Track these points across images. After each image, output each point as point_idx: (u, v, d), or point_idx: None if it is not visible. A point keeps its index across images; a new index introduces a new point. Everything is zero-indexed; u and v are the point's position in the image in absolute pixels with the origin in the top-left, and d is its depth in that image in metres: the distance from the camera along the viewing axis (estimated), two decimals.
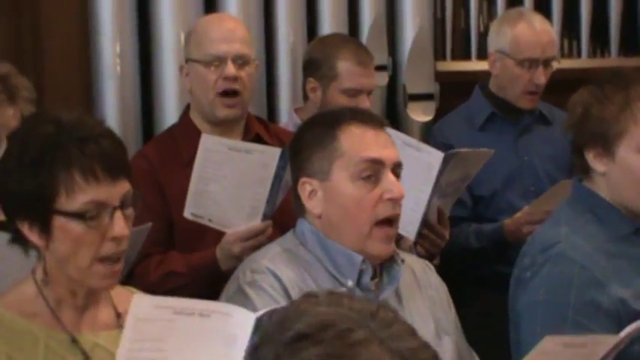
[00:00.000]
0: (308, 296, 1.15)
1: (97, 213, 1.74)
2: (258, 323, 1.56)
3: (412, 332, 1.12)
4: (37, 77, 3.27)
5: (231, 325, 1.57)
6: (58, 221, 1.74)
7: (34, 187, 1.73)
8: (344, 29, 3.73)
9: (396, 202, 2.11)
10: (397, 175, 2.14)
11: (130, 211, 1.80)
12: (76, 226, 1.74)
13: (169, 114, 3.43)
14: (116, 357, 1.65)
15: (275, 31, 3.67)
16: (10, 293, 1.84)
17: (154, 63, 3.50)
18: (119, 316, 1.87)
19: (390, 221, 2.13)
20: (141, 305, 1.64)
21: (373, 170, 2.10)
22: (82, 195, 1.73)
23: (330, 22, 3.72)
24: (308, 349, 1.08)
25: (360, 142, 2.12)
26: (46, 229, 1.75)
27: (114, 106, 3.43)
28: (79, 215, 1.73)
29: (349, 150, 2.11)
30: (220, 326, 1.58)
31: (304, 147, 2.17)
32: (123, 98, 3.45)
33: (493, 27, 3.53)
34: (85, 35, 3.46)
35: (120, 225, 1.76)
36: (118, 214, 1.76)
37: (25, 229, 1.77)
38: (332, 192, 2.12)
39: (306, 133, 2.20)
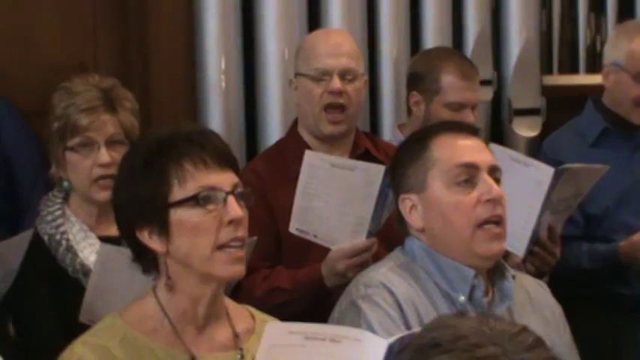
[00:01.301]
0: (459, 314, 1.21)
1: (209, 197, 1.76)
2: (390, 350, 1.53)
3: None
4: (143, 93, 3.32)
5: (362, 351, 1.56)
6: (175, 215, 1.76)
7: (147, 188, 1.77)
8: (448, 42, 3.69)
9: (495, 202, 2.08)
10: (496, 180, 2.11)
11: (242, 203, 1.81)
12: (192, 214, 1.75)
13: (273, 129, 3.45)
14: None
15: (378, 45, 3.65)
16: (131, 309, 1.85)
17: (258, 79, 3.51)
18: (237, 337, 1.87)
19: (493, 222, 2.09)
20: (274, 331, 1.65)
21: (468, 174, 2.09)
22: (192, 182, 1.76)
23: (434, 35, 3.68)
24: (437, 356, 1.13)
25: (452, 148, 2.12)
26: (165, 229, 1.76)
27: (218, 122, 3.46)
28: (193, 199, 1.75)
29: (442, 157, 2.11)
30: (351, 352, 1.57)
31: (400, 164, 2.18)
32: (227, 114, 3.47)
33: (610, 39, 3.44)
34: (190, 51, 3.49)
35: (234, 207, 1.77)
36: (231, 198, 1.78)
37: (145, 238, 1.79)
38: (430, 202, 2.11)
39: (401, 151, 2.22)
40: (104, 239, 2.49)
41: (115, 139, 2.49)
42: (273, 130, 3.44)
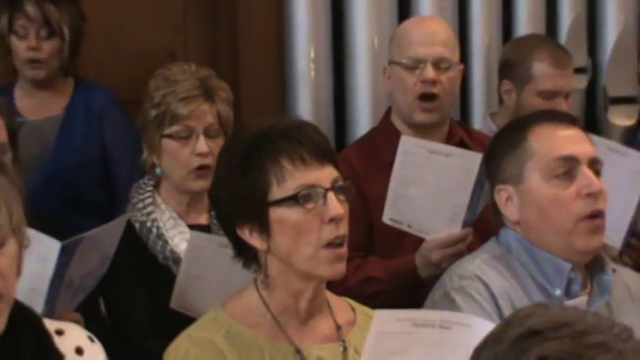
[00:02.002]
0: (538, 304, 1.14)
1: (309, 195, 1.73)
2: None
3: None
4: (233, 82, 3.31)
5: (471, 336, 1.52)
6: (275, 214, 1.74)
7: (246, 186, 1.75)
8: (541, 30, 3.61)
9: (596, 196, 2.02)
10: (597, 172, 2.05)
11: (343, 197, 1.78)
12: (292, 214, 1.73)
13: (363, 119, 3.42)
14: None
15: (469, 33, 3.59)
16: (234, 302, 1.84)
17: (347, 68, 3.49)
18: (339, 328, 1.85)
19: (594, 217, 2.03)
20: (382, 319, 1.63)
21: (567, 167, 2.03)
22: (292, 180, 1.73)
23: (526, 22, 3.61)
24: (541, 345, 1.07)
25: (551, 140, 2.06)
26: (265, 227, 1.75)
27: (308, 111, 3.44)
28: (293, 198, 1.72)
29: (540, 149, 2.05)
30: (460, 338, 1.54)
31: (496, 154, 2.14)
32: (317, 103, 3.46)
33: None
34: (280, 40, 3.49)
35: (334, 205, 1.74)
36: (331, 195, 1.74)
37: (246, 235, 1.77)
38: (527, 195, 2.06)
39: (498, 140, 2.17)
40: (193, 227, 2.50)
41: (213, 129, 2.49)
42: (363, 120, 3.41)
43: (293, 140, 1.75)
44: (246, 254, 1.81)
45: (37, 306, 1.97)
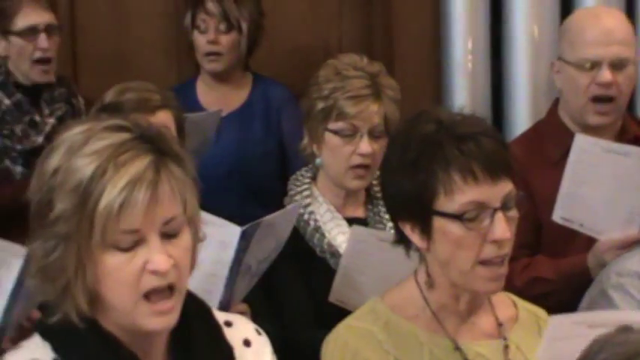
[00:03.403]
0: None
1: (476, 214, 1.68)
2: None
3: None
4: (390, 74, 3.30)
5: None
6: (438, 222, 1.70)
7: (413, 188, 1.71)
8: None
9: None
10: None
11: (513, 212, 1.72)
12: (455, 228, 1.69)
13: (521, 112, 3.35)
14: None
15: (637, 22, 3.43)
16: (393, 294, 1.82)
17: (506, 59, 3.42)
18: (500, 325, 1.80)
19: None
20: (558, 324, 1.58)
21: None
22: (460, 195, 1.68)
23: None
24: None
25: None
26: (426, 231, 1.72)
27: (464, 103, 3.36)
28: (458, 217, 1.68)
29: None
30: None
31: None
32: (473, 95, 3.40)
33: None
34: (436, 31, 3.45)
35: (501, 227, 1.68)
36: (499, 216, 1.68)
37: (407, 230, 1.75)
38: None
39: None
40: (350, 220, 2.49)
41: (378, 130, 2.48)
42: (522, 113, 3.33)
43: (465, 153, 1.69)
44: (407, 244, 1.78)
45: (217, 291, 2.04)
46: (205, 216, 1.52)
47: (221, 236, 2.02)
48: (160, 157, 1.38)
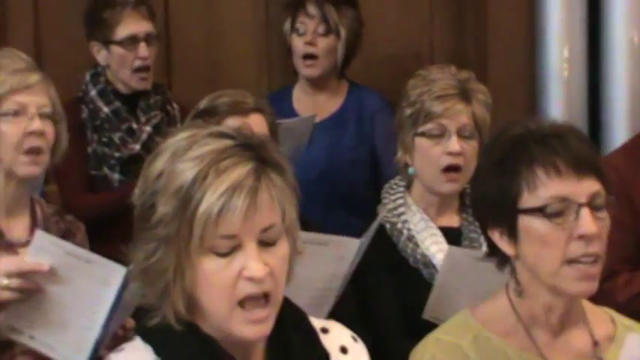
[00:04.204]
0: None
1: (561, 209, 1.64)
2: None
3: None
4: (480, 82, 3.27)
5: None
6: (523, 222, 1.67)
7: (498, 188, 1.69)
8: None
9: None
10: None
11: (602, 213, 1.67)
12: (539, 225, 1.65)
13: (620, 121, 3.30)
14: None
15: None
16: (484, 308, 1.78)
17: (603, 68, 3.36)
18: (596, 344, 1.73)
19: None
20: (634, 344, 1.54)
21: None
22: (543, 190, 1.65)
23: None
24: None
25: None
26: (514, 233, 1.69)
27: (559, 112, 3.35)
28: (541, 210, 1.64)
29: None
30: None
31: None
32: (569, 104, 3.36)
33: None
34: (531, 38, 3.41)
35: (587, 222, 1.63)
36: (585, 211, 1.64)
37: (496, 238, 1.72)
38: None
39: None
40: (444, 230, 2.48)
41: (466, 130, 2.45)
42: (620, 123, 3.28)
43: (549, 148, 1.66)
44: (499, 255, 1.75)
45: (328, 303, 2.11)
46: (322, 236, 1.53)
47: (339, 251, 2.10)
48: (261, 165, 1.38)
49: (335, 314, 2.19)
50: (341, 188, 3.13)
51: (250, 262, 1.36)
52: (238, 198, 1.35)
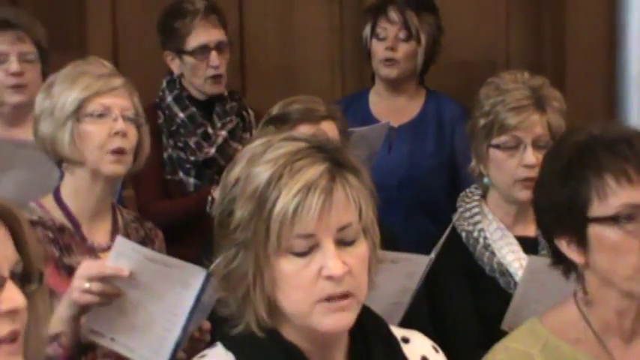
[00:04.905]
0: None
1: (632, 216, 1.61)
2: None
3: None
4: (557, 88, 3.22)
5: None
6: (594, 230, 1.64)
7: (565, 197, 1.66)
8: None
9: None
10: None
11: None
12: (612, 234, 1.62)
13: None
14: None
15: None
16: (553, 316, 1.75)
17: None
18: None
19: None
20: None
21: None
22: (614, 198, 1.62)
23: None
24: None
25: None
26: (583, 242, 1.65)
27: (638, 119, 3.26)
28: (614, 219, 1.61)
29: None
30: None
31: None
32: None
33: None
34: (611, 43, 3.35)
35: None
36: None
37: (564, 247, 1.68)
38: None
39: None
40: (521, 239, 2.45)
41: (542, 140, 2.42)
42: None
43: (619, 155, 1.63)
44: (565, 263, 1.72)
45: (398, 317, 2.12)
46: (392, 254, 1.51)
47: (410, 268, 2.13)
48: (335, 166, 1.39)
49: (404, 321, 2.19)
50: (421, 195, 3.13)
51: (328, 261, 1.36)
52: (313, 196, 1.35)
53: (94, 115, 2.20)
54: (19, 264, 1.24)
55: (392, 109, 3.21)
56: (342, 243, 1.38)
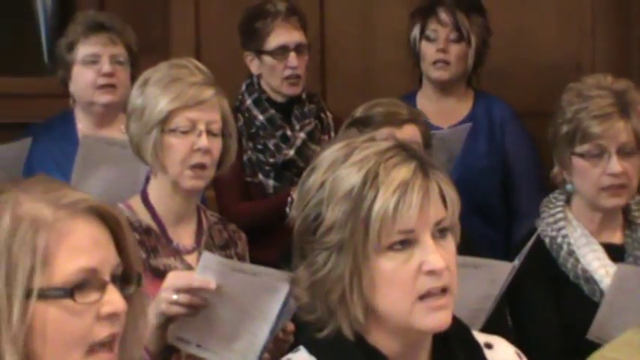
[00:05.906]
0: None
1: None
2: None
3: None
4: None
5: None
6: None
7: None
8: None
9: None
10: None
11: None
12: None
13: None
14: None
15: None
16: None
17: None
18: None
19: None
20: None
21: None
22: None
23: None
24: None
25: None
26: None
27: None
28: None
29: None
30: None
31: None
32: None
33: None
34: None
35: None
36: None
37: None
38: None
39: None
40: (606, 246, 2.41)
41: (627, 147, 2.37)
42: None
43: None
44: None
45: (479, 323, 2.09)
46: (473, 259, 1.49)
47: (491, 275, 2.12)
48: (423, 165, 1.40)
49: (485, 327, 2.17)
50: (474, 197, 3.07)
51: (429, 256, 1.36)
52: (412, 191, 1.36)
53: (179, 131, 2.20)
54: (119, 266, 1.24)
55: (441, 111, 3.19)
56: (438, 238, 1.39)
